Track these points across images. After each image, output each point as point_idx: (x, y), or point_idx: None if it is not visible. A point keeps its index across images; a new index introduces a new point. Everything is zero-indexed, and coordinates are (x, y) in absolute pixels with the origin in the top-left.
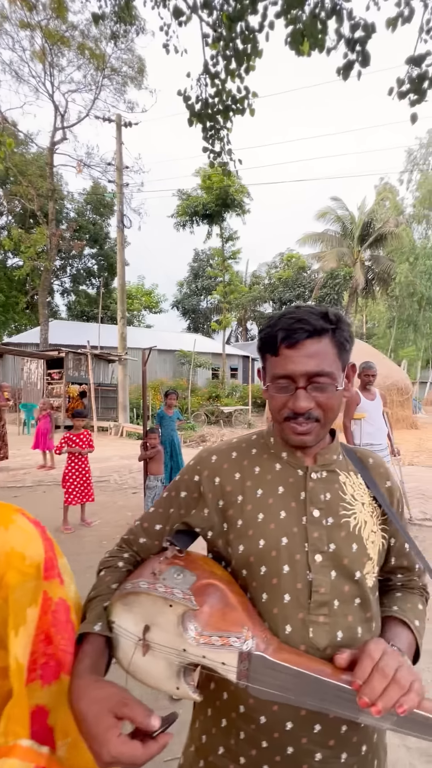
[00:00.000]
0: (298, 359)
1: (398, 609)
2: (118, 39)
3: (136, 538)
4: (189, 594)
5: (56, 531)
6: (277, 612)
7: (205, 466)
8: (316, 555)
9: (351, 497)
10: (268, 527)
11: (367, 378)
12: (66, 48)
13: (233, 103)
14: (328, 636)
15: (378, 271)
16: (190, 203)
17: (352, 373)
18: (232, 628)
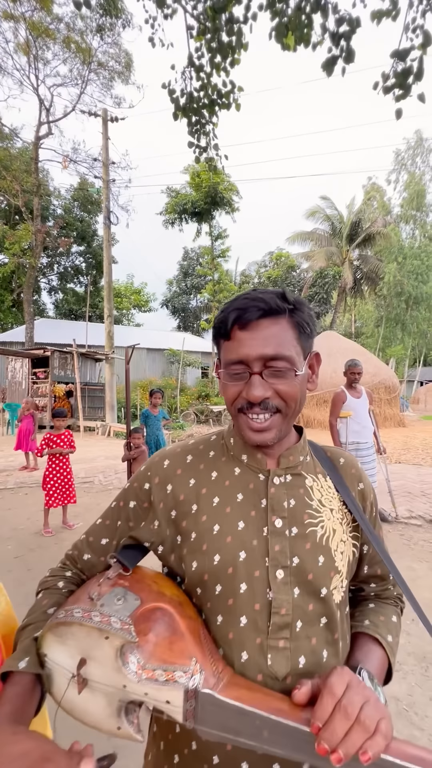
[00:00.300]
0: (252, 342)
1: (370, 624)
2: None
3: (80, 554)
4: (129, 623)
5: (37, 534)
6: (233, 637)
7: (157, 472)
8: (277, 571)
9: (318, 503)
10: (224, 540)
11: (353, 376)
12: (51, 41)
13: (219, 98)
14: (288, 663)
15: (366, 271)
16: (178, 201)
17: (316, 362)
18: (179, 660)
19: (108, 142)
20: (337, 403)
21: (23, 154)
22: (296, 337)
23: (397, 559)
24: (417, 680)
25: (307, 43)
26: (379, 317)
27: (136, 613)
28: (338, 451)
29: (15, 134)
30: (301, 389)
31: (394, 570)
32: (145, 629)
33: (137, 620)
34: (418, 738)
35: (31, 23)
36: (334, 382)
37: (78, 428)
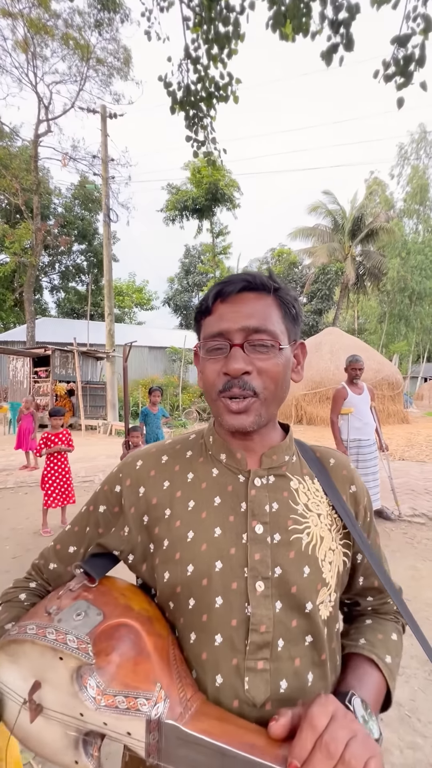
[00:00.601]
0: (234, 314)
1: (366, 643)
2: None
3: (46, 563)
4: (86, 642)
5: (35, 534)
6: (207, 657)
7: (128, 474)
8: (257, 582)
9: (304, 507)
10: (198, 549)
11: (354, 372)
12: (49, 37)
13: (216, 90)
14: (268, 686)
15: (369, 266)
16: (179, 197)
17: (302, 352)
18: (143, 684)
19: (107, 139)
20: (338, 399)
21: (23, 152)
22: (281, 317)
23: (400, 558)
24: (420, 684)
25: (305, 33)
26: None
27: (97, 630)
28: (329, 451)
29: (15, 133)
30: (285, 372)
31: (389, 584)
32: (107, 648)
33: (98, 638)
34: (420, 746)
35: (29, 20)
36: (337, 379)
37: (79, 427)
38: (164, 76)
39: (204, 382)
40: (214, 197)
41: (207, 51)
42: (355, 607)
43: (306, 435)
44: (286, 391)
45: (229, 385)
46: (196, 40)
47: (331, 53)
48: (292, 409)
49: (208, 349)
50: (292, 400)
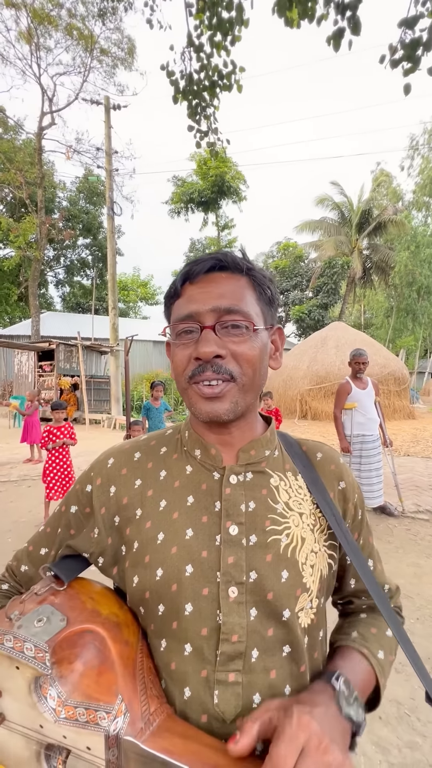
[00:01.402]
0: (204, 295)
1: (358, 636)
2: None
3: (19, 564)
4: (44, 650)
5: (37, 527)
6: (175, 668)
7: (99, 472)
8: (230, 588)
9: (284, 506)
10: (168, 552)
11: (357, 366)
12: (53, 28)
13: (220, 79)
14: (239, 701)
15: (376, 260)
16: (185, 190)
17: (279, 338)
18: (104, 696)
19: (111, 130)
20: (341, 394)
21: (27, 145)
22: (256, 298)
23: (403, 554)
24: (420, 683)
25: (311, 18)
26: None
27: (59, 637)
28: (317, 445)
29: (19, 126)
30: (261, 356)
31: (373, 588)
32: (70, 656)
33: (60, 645)
34: (419, 745)
35: (32, 10)
36: (342, 374)
37: (83, 421)
38: (166, 65)
39: (174, 369)
40: (220, 190)
41: (210, 38)
42: (349, 605)
43: (311, 430)
44: (264, 378)
45: (201, 369)
46: (199, 26)
47: (338, 37)
48: (296, 404)
49: (177, 332)
50: (296, 395)
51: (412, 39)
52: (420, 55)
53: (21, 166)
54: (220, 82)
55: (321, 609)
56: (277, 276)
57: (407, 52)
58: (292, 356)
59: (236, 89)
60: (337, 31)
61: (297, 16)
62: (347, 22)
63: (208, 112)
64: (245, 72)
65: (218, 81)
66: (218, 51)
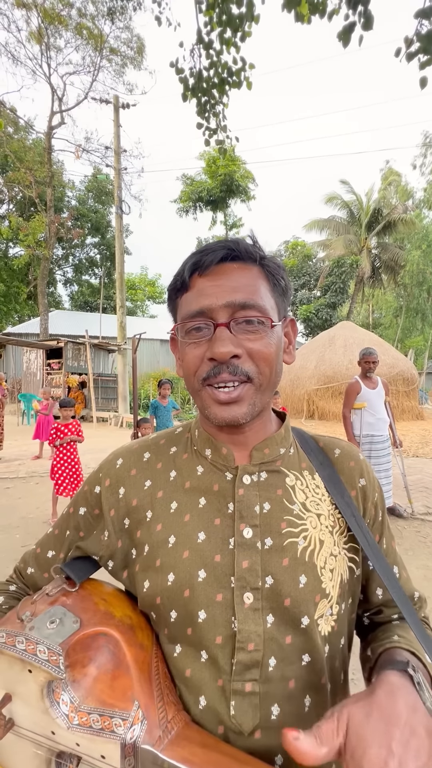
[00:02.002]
0: (217, 288)
1: (400, 638)
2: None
3: (26, 567)
4: (58, 653)
5: (45, 524)
6: (191, 675)
7: (108, 473)
8: (245, 594)
9: (301, 507)
10: (180, 556)
11: (367, 365)
12: (63, 27)
13: (229, 76)
14: (256, 712)
15: (385, 259)
16: (194, 188)
17: (292, 330)
18: (120, 702)
19: (119, 129)
20: (351, 393)
21: (37, 145)
22: (270, 289)
23: (413, 557)
24: None
25: (322, 13)
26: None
27: (72, 639)
28: (334, 440)
29: (29, 125)
30: (278, 353)
31: (399, 596)
32: (84, 660)
33: (73, 648)
34: None
35: (43, 10)
36: (350, 374)
37: (91, 419)
38: (176, 62)
39: (185, 370)
40: (228, 188)
41: (220, 35)
42: (379, 615)
43: (318, 431)
44: (280, 374)
45: (217, 371)
46: (209, 23)
47: (348, 33)
48: (303, 404)
49: (187, 330)
50: (303, 395)
51: (429, 30)
52: None
53: (31, 165)
54: (230, 79)
55: (342, 616)
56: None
57: (424, 44)
58: (300, 356)
59: (246, 86)
60: (348, 26)
61: (307, 11)
62: (358, 16)
63: (218, 110)
64: (255, 69)
65: (228, 78)
66: (228, 48)
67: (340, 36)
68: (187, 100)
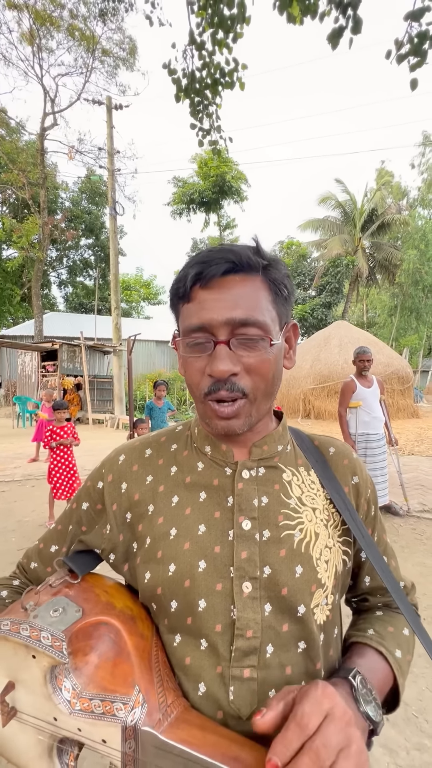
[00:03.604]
0: (218, 303)
1: (374, 634)
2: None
3: (29, 562)
4: (61, 639)
5: (41, 527)
6: (190, 663)
7: (111, 469)
8: (244, 583)
9: (297, 501)
10: (181, 547)
11: (362, 364)
12: (55, 29)
13: (222, 77)
14: (255, 697)
15: (380, 258)
16: (186, 190)
17: (294, 335)
18: (120, 688)
19: (112, 130)
20: (346, 392)
21: (30, 146)
22: (271, 301)
23: (409, 554)
24: (428, 684)
25: (313, 14)
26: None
27: (75, 627)
28: (329, 440)
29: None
30: (276, 365)
31: (392, 585)
32: (85, 648)
33: (75, 636)
34: (428, 747)
35: (34, 11)
36: (345, 373)
37: (87, 421)
38: (168, 63)
39: (188, 381)
40: (221, 190)
41: (212, 35)
42: (364, 603)
43: (314, 430)
44: (278, 383)
45: (216, 388)
46: (201, 24)
47: (337, 36)
48: (299, 404)
49: (189, 344)
50: (299, 394)
51: (418, 32)
52: (426, 49)
53: (24, 166)
54: (222, 80)
55: (336, 606)
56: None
57: (414, 47)
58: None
59: (238, 87)
60: (337, 30)
61: (299, 13)
62: (347, 20)
63: (211, 110)
64: (247, 69)
65: (220, 79)
66: (220, 48)
67: (330, 39)
68: (180, 100)
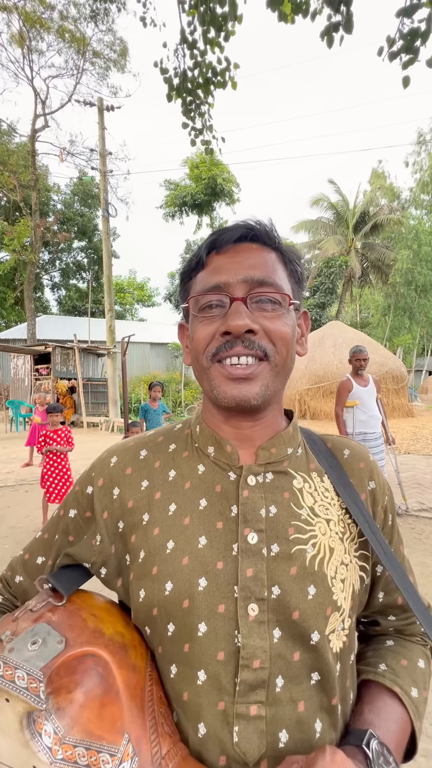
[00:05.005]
0: (234, 264)
1: (387, 670)
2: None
3: (13, 575)
4: (39, 679)
5: (34, 533)
6: (188, 699)
7: (101, 472)
8: (250, 605)
9: (309, 512)
10: (178, 562)
11: (358, 363)
12: (45, 31)
13: (214, 76)
14: (263, 739)
15: (372, 259)
16: (178, 193)
17: (305, 323)
18: (107, 734)
19: (104, 132)
20: (342, 392)
21: (20, 148)
22: (287, 276)
23: (409, 554)
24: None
25: (305, 13)
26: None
27: (55, 662)
28: (343, 440)
29: (12, 129)
30: (293, 335)
31: (415, 601)
32: (69, 685)
33: (56, 673)
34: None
35: (24, 13)
36: (340, 373)
37: (81, 424)
38: (160, 62)
39: (193, 348)
40: (213, 192)
41: (203, 34)
42: (374, 626)
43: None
44: (293, 363)
45: (230, 345)
46: (192, 22)
47: (330, 32)
48: (295, 404)
49: (201, 306)
50: (295, 395)
51: (410, 29)
52: (418, 46)
53: (15, 169)
54: (214, 79)
55: (352, 630)
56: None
57: (406, 43)
58: None
59: (230, 86)
60: (330, 26)
61: (290, 11)
62: (340, 17)
63: (203, 110)
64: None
65: (212, 78)
66: (212, 47)
67: (323, 36)
68: (172, 100)
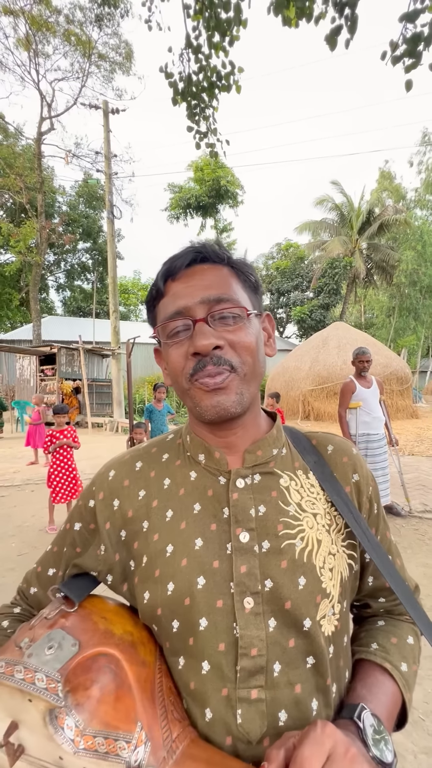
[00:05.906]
0: (190, 288)
1: (378, 648)
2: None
3: (28, 587)
4: (57, 680)
5: (41, 531)
6: (195, 687)
7: (101, 486)
8: (245, 598)
9: (296, 508)
10: (178, 564)
11: (361, 364)
12: (51, 34)
13: (218, 80)
14: (264, 719)
15: (377, 260)
16: (182, 195)
17: (270, 324)
18: (123, 724)
19: (109, 134)
20: (345, 393)
21: (26, 151)
22: (241, 287)
23: (411, 555)
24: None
25: (309, 17)
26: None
27: (71, 664)
28: (327, 436)
29: (19, 132)
30: (258, 343)
31: (398, 584)
32: (86, 682)
33: (73, 673)
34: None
35: (30, 17)
36: (344, 374)
37: (86, 425)
38: (165, 67)
39: (171, 371)
40: (217, 194)
41: (208, 39)
42: (366, 609)
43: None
44: (263, 366)
45: (202, 365)
46: (197, 27)
47: (334, 35)
48: (299, 405)
49: (168, 333)
50: (299, 396)
51: (413, 34)
52: (421, 51)
53: (21, 171)
54: (219, 83)
55: (344, 614)
56: (278, 277)
57: (409, 48)
58: (294, 357)
59: (235, 90)
60: (335, 29)
61: (294, 16)
62: (345, 20)
63: (208, 113)
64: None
65: (217, 82)
66: (217, 52)
67: (327, 39)
68: (177, 104)
